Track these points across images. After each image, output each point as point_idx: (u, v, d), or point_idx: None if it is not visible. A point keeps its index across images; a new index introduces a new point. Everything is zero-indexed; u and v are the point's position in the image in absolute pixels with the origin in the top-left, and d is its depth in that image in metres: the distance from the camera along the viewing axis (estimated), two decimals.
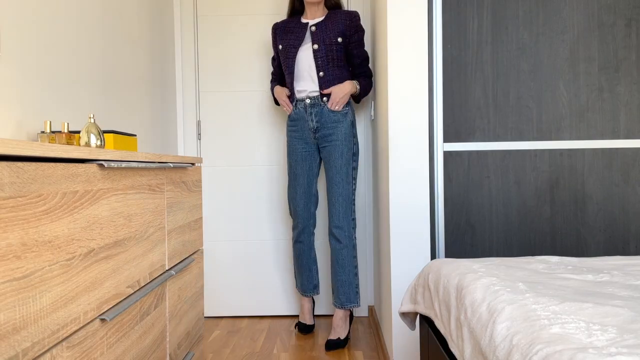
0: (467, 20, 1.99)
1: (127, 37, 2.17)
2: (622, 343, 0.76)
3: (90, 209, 0.91)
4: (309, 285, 2.61)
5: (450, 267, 1.32)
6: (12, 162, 0.68)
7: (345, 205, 2.37)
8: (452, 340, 1.15)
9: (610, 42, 1.99)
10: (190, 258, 1.64)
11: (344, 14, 2.41)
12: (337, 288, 2.43)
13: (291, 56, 2.42)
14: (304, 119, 2.43)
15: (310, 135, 2.44)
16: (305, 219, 2.52)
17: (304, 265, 2.58)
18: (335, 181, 2.37)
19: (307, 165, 2.48)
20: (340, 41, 2.37)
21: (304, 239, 2.55)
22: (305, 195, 2.50)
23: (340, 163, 2.36)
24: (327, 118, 2.39)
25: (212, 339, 2.56)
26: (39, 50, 1.51)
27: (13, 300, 0.69)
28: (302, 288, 2.62)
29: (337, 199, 2.37)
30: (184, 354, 1.57)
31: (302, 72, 2.42)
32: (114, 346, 1.02)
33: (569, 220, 2.00)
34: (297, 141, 2.48)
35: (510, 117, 2.00)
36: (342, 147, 2.37)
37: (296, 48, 2.41)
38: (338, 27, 2.37)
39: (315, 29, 2.39)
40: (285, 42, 2.45)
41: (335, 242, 2.41)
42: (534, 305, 0.95)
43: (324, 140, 2.42)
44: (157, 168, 1.32)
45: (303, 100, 2.43)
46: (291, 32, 2.45)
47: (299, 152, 2.48)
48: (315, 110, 2.40)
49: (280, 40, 2.48)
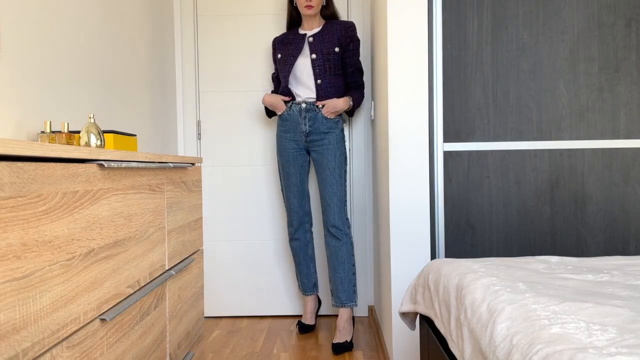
0: (467, 20, 1.99)
1: (127, 36, 2.17)
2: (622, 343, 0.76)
3: (90, 209, 0.91)
4: (308, 283, 2.64)
5: (450, 267, 1.32)
6: (12, 162, 0.68)
7: (340, 205, 2.42)
8: (452, 340, 1.15)
9: (610, 42, 1.99)
10: (190, 258, 1.64)
11: (340, 25, 2.48)
12: (337, 286, 2.43)
13: (290, 63, 2.48)
14: (297, 121, 2.48)
15: (302, 137, 2.49)
16: (301, 216, 2.55)
17: (302, 263, 2.61)
18: (329, 182, 2.43)
19: (299, 164, 2.52)
20: (337, 51, 2.45)
21: (299, 236, 2.58)
22: (299, 193, 2.54)
23: (333, 165, 2.43)
24: (320, 124, 2.44)
25: (212, 339, 2.56)
26: (39, 50, 1.51)
27: (13, 300, 0.69)
28: (302, 287, 2.65)
29: (332, 199, 2.42)
30: (184, 354, 1.57)
31: (300, 78, 2.48)
32: (114, 346, 1.02)
33: (569, 220, 2.00)
34: (288, 142, 2.51)
35: (510, 117, 2.00)
36: (335, 150, 2.44)
37: (295, 57, 2.48)
38: (334, 37, 2.46)
39: (313, 39, 2.46)
40: (284, 52, 2.52)
41: (334, 240, 2.43)
42: (534, 305, 0.95)
43: (315, 145, 2.47)
44: (157, 168, 1.32)
45: (299, 104, 2.47)
46: (290, 43, 2.53)
47: (289, 151, 2.51)
48: (309, 115, 2.45)
49: (279, 50, 2.56)
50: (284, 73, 2.49)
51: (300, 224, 2.57)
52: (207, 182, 2.92)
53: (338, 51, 2.44)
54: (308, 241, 2.61)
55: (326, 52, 2.43)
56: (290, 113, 2.49)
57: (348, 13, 2.85)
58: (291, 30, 2.59)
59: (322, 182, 2.45)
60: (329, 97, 2.45)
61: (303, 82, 2.47)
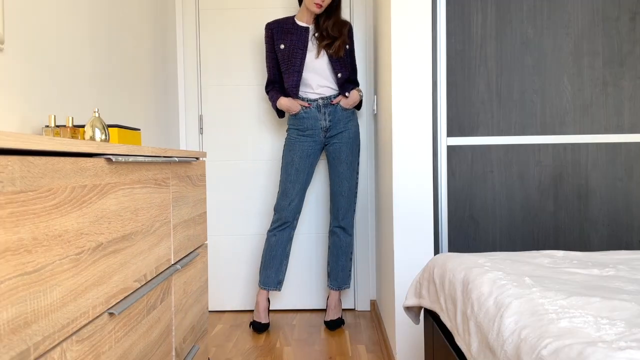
0: (471, 15, 1.99)
1: (129, 30, 2.17)
2: (631, 337, 0.76)
3: (98, 203, 0.91)
4: (274, 278, 2.55)
5: (456, 261, 1.32)
6: (23, 157, 0.68)
7: (351, 197, 2.56)
8: (458, 335, 1.16)
9: (615, 36, 1.99)
10: (195, 252, 1.64)
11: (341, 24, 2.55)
12: (337, 272, 2.61)
13: (299, 57, 2.48)
14: (316, 117, 2.51)
15: (321, 134, 2.53)
16: (295, 213, 2.53)
17: (276, 257, 2.54)
18: (345, 175, 2.53)
19: (310, 163, 2.54)
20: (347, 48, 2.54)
21: (284, 233, 2.54)
22: (301, 191, 2.54)
23: (350, 159, 2.54)
24: (340, 116, 2.52)
25: (215, 332, 2.56)
26: (43, 45, 1.50)
27: (25, 295, 0.69)
28: (264, 281, 2.55)
29: (345, 192, 2.54)
30: (189, 348, 1.58)
31: (317, 73, 2.50)
32: (122, 340, 1.03)
33: (573, 214, 2.01)
34: (305, 139, 2.52)
35: (514, 111, 2.00)
36: (353, 144, 2.55)
37: (303, 50, 2.48)
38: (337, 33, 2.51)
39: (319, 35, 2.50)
40: (288, 42, 2.50)
41: (339, 237, 2.58)
42: (541, 299, 0.96)
43: (334, 138, 2.54)
44: (162, 162, 1.32)
45: (316, 100, 2.50)
46: (290, 32, 2.52)
47: (305, 149, 2.52)
48: (328, 109, 2.51)
49: (280, 40, 2.52)
50: (293, 67, 2.48)
51: (289, 221, 2.53)
52: (209, 177, 2.91)
53: (348, 48, 2.54)
54: (289, 239, 2.57)
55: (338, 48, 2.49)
56: (307, 111, 2.50)
57: (350, 7, 2.84)
58: (286, 18, 2.55)
59: (338, 175, 2.53)
60: (347, 89, 2.53)
61: (320, 76, 2.50)
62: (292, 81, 2.48)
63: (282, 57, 2.51)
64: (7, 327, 0.65)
